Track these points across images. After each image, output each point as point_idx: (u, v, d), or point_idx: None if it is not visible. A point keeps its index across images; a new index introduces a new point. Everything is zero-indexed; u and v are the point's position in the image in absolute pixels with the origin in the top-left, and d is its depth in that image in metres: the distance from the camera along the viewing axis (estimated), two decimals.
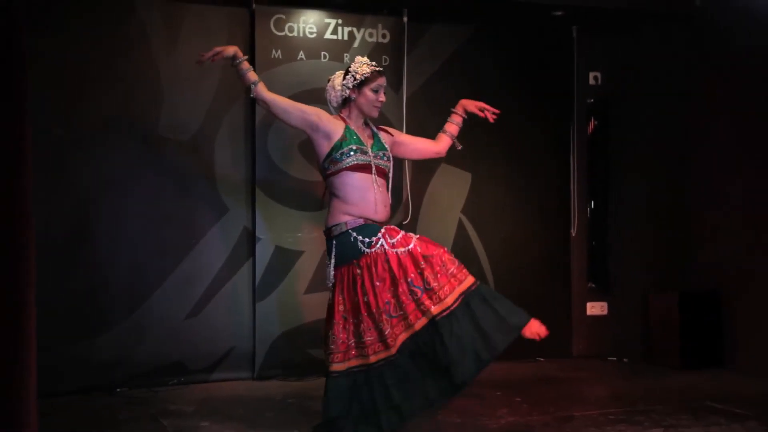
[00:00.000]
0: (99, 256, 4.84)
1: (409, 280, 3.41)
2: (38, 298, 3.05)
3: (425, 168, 5.48)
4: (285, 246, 5.16)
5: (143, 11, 4.88)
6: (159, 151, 4.94)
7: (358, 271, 3.49)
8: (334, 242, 3.56)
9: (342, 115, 3.72)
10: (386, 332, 3.39)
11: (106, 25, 4.84)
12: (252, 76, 3.64)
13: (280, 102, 3.67)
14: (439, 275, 3.37)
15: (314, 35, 5.20)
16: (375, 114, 3.72)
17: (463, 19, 5.50)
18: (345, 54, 5.24)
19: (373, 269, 3.46)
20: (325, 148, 3.62)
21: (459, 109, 3.91)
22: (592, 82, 5.62)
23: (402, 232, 3.55)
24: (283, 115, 3.64)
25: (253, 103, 5.06)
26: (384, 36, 5.35)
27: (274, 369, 5.12)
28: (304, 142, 5.19)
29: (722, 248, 5.36)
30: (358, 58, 3.77)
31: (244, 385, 4.96)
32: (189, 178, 5.05)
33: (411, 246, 3.45)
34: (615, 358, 5.53)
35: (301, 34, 5.19)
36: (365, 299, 3.45)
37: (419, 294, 3.37)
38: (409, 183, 5.47)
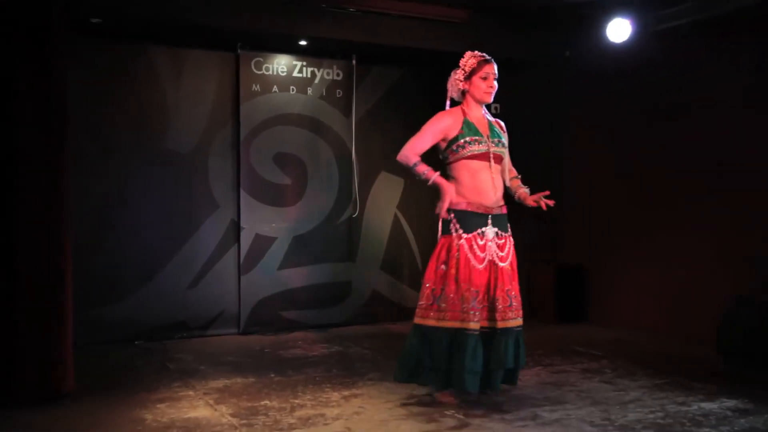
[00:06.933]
0: (120, 240, 5.25)
1: (506, 289, 3.53)
2: (74, 273, 3.56)
3: (370, 173, 5.96)
4: (263, 233, 5.66)
5: (153, 54, 5.37)
6: (166, 160, 5.39)
7: (462, 243, 3.44)
8: (453, 215, 3.48)
9: (462, 107, 3.58)
10: (472, 308, 3.41)
11: (123, 62, 5.27)
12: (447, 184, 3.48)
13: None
14: (514, 299, 3.55)
15: (285, 73, 5.74)
16: (488, 99, 3.55)
17: (397, 62, 6.04)
18: (308, 87, 5.80)
19: (476, 252, 3.45)
20: (443, 144, 3.54)
21: (525, 199, 3.74)
22: (493, 111, 5.69)
23: (508, 246, 3.55)
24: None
25: (238, 123, 5.52)
26: (338, 74, 5.92)
27: (255, 326, 5.57)
28: (278, 155, 5.73)
29: (586, 234, 6.05)
30: (467, 53, 3.58)
31: (231, 339, 5.38)
32: (189, 182, 5.45)
33: (508, 262, 3.55)
34: None
35: (275, 73, 5.72)
36: (457, 272, 3.42)
37: (507, 303, 3.51)
38: (357, 184, 5.91)
